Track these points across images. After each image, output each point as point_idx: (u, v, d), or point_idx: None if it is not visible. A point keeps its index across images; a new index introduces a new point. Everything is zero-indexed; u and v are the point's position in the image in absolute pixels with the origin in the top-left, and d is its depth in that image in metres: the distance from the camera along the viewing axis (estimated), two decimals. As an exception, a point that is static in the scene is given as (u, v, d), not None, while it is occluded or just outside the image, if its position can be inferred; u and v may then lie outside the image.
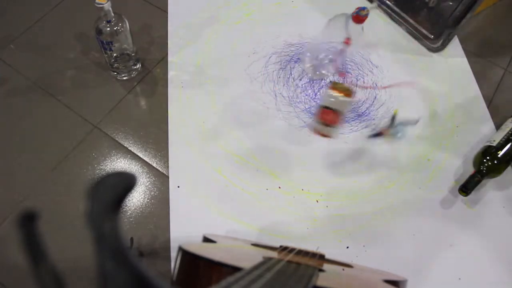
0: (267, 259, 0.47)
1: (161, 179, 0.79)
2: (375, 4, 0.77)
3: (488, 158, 0.77)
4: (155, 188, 0.78)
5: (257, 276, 0.37)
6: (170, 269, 0.70)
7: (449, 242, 0.74)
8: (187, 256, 0.49)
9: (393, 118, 0.76)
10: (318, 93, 0.89)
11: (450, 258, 0.72)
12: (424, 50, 0.96)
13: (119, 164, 0.81)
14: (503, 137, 0.78)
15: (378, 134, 0.77)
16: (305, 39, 0.97)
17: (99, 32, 0.81)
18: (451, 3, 0.88)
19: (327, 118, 0.71)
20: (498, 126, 0.85)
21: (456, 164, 0.82)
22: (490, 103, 0.90)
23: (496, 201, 0.78)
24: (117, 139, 0.84)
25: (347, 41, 0.75)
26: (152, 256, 0.72)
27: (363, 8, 0.74)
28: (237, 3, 1.02)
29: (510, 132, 0.79)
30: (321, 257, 0.60)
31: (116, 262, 0.23)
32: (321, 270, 0.52)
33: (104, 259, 0.23)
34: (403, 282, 0.58)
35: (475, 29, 0.97)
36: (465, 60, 0.95)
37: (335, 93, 0.69)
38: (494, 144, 0.78)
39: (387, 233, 0.74)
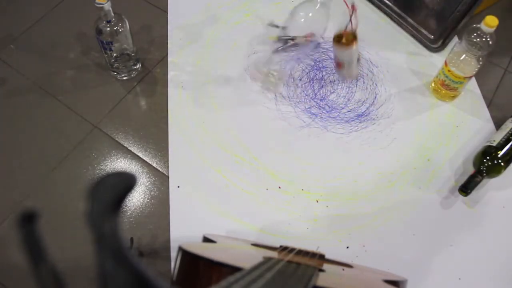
0: (267, 259, 0.47)
1: (161, 179, 0.79)
2: None
3: (488, 158, 0.77)
4: (155, 188, 0.78)
5: (257, 276, 0.37)
6: (170, 269, 0.70)
7: (449, 242, 0.74)
8: (187, 256, 0.49)
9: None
10: (318, 93, 0.89)
11: (450, 258, 0.72)
12: (424, 50, 0.96)
13: (119, 164, 0.81)
14: (503, 137, 0.78)
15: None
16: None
17: (99, 32, 0.81)
18: (451, 3, 0.88)
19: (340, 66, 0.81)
20: (498, 126, 0.85)
21: (456, 164, 0.82)
22: (490, 103, 0.90)
23: (496, 201, 0.78)
24: (117, 139, 0.84)
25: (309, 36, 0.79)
26: (152, 256, 0.72)
27: None
28: (237, 3, 1.02)
29: (510, 132, 0.79)
30: (321, 257, 0.60)
31: (116, 262, 0.23)
32: (321, 270, 0.52)
33: (104, 259, 0.23)
34: (403, 282, 0.58)
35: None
36: (465, 60, 0.95)
37: (340, 49, 0.77)
38: (494, 144, 0.78)
39: (387, 233, 0.74)
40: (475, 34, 0.76)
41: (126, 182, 0.25)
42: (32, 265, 0.24)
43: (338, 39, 0.76)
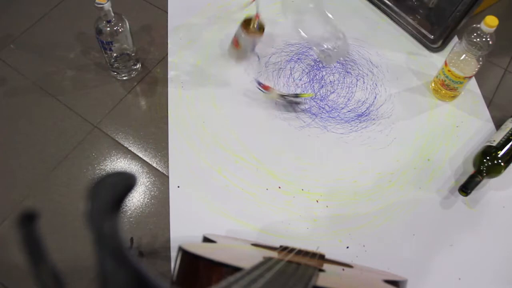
0: (267, 259, 0.47)
1: (161, 179, 0.79)
2: None
3: (488, 158, 0.77)
4: (155, 188, 0.78)
5: (257, 276, 0.37)
6: (170, 269, 0.70)
7: (449, 242, 0.74)
8: (187, 256, 0.49)
9: (296, 96, 0.87)
10: (318, 93, 0.89)
11: (450, 258, 0.72)
12: (424, 50, 0.96)
13: (119, 164, 0.81)
14: (503, 137, 0.79)
15: (263, 87, 0.86)
16: (305, 39, 0.96)
17: (99, 32, 0.81)
18: (451, 3, 0.88)
19: (236, 45, 0.90)
20: (498, 126, 0.85)
21: (456, 164, 0.82)
22: (490, 103, 0.90)
23: (496, 201, 0.78)
24: (117, 139, 0.84)
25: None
26: (152, 256, 0.72)
27: None
28: (237, 3, 1.02)
29: (510, 132, 0.79)
30: (321, 257, 0.60)
31: (116, 262, 0.23)
32: (321, 270, 0.52)
33: (104, 259, 0.23)
34: (403, 282, 0.58)
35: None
36: (465, 60, 0.95)
37: (243, 34, 0.86)
38: (494, 144, 0.78)
39: (387, 233, 0.74)
40: (475, 34, 0.76)
41: (126, 182, 0.25)
42: (32, 265, 0.24)
43: (246, 23, 0.85)
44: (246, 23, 0.85)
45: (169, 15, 1.00)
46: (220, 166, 0.80)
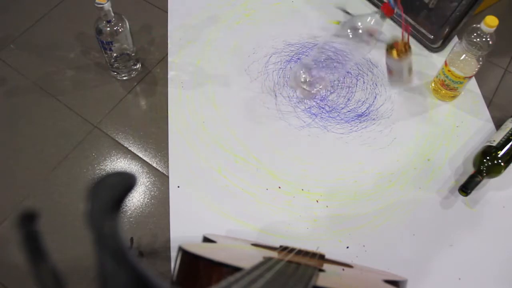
0: (267, 259, 0.47)
1: (161, 179, 0.79)
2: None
3: (488, 158, 0.77)
4: (155, 188, 0.78)
5: (257, 276, 0.37)
6: (170, 269, 0.70)
7: (449, 242, 0.74)
8: (187, 256, 0.49)
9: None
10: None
11: (450, 258, 0.72)
12: (424, 50, 0.96)
13: (119, 164, 0.81)
14: (503, 137, 0.79)
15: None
16: (305, 39, 0.97)
17: (99, 32, 0.81)
18: (451, 3, 0.88)
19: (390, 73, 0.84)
20: (498, 126, 0.85)
21: (456, 164, 0.82)
22: (490, 103, 0.90)
23: (496, 201, 0.78)
24: (117, 139, 0.84)
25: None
26: (152, 256, 0.72)
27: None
28: (237, 3, 1.02)
29: (510, 132, 0.79)
30: (321, 257, 0.60)
31: (116, 262, 0.23)
32: (321, 270, 0.52)
33: (104, 259, 0.23)
34: (403, 282, 0.58)
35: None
36: (465, 60, 0.95)
37: (391, 59, 0.79)
38: (494, 144, 0.78)
39: (387, 233, 0.74)
40: (475, 34, 0.76)
41: (126, 182, 0.25)
42: (32, 265, 0.24)
43: (390, 49, 0.78)
44: (391, 48, 0.79)
45: (169, 15, 1.00)
46: (220, 166, 0.80)
